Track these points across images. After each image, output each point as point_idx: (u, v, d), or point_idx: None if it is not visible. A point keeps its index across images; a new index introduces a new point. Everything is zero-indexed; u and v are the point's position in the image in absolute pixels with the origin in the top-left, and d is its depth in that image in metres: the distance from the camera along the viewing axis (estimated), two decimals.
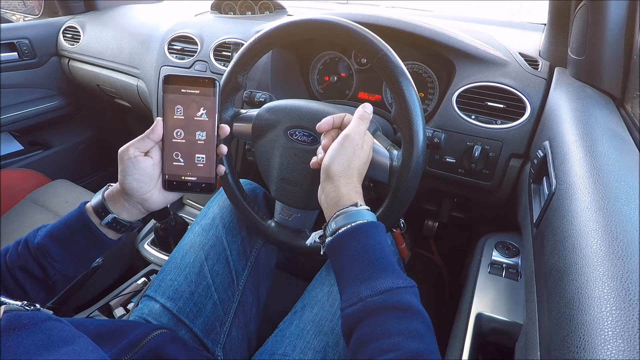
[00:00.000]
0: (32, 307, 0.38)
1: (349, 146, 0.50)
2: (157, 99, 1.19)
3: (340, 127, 0.56)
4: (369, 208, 0.48)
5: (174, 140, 0.48)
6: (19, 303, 0.37)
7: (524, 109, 0.73)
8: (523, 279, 0.64)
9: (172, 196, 0.52)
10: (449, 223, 0.97)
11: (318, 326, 0.59)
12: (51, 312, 0.39)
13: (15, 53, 1.41)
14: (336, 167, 0.49)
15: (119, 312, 0.85)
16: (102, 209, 0.49)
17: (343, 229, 0.45)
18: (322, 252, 0.49)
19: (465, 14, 1.24)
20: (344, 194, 0.47)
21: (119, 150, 0.47)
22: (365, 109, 0.54)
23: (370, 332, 0.38)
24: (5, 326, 0.33)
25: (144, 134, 0.47)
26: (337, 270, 0.45)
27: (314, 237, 0.53)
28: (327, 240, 0.47)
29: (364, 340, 0.38)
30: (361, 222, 0.45)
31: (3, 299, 0.37)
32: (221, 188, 0.73)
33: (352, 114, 0.54)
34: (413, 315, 0.39)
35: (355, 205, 0.47)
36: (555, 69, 0.79)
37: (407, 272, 0.81)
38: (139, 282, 0.93)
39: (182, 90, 0.47)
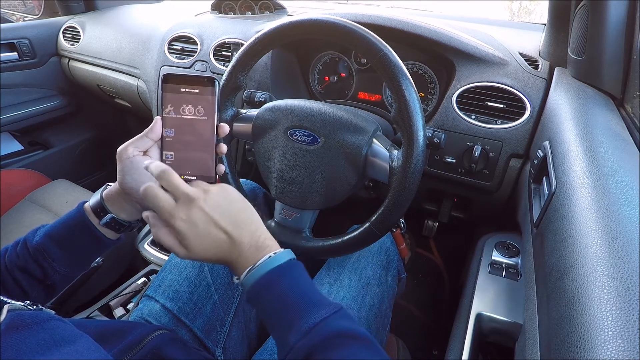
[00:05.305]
0: (34, 307, 0.38)
1: (203, 231, 0.42)
2: (157, 99, 1.19)
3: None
4: (275, 251, 0.43)
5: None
6: (22, 303, 0.37)
7: (524, 109, 0.73)
8: (523, 279, 0.64)
9: None
10: (449, 223, 0.97)
11: None
12: (53, 312, 0.39)
13: (15, 53, 1.41)
14: (204, 256, 0.43)
15: (119, 312, 0.84)
16: (100, 209, 0.49)
17: (252, 283, 0.42)
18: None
19: (465, 14, 1.24)
20: (247, 257, 0.43)
21: (118, 150, 0.47)
22: (153, 192, 0.42)
23: None
24: (9, 325, 0.33)
25: (142, 133, 0.47)
26: (264, 320, 0.44)
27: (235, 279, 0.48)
28: (245, 296, 0.45)
29: None
30: (266, 271, 0.42)
31: (6, 298, 0.37)
32: None
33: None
34: (346, 340, 0.38)
35: (261, 256, 0.43)
36: (555, 69, 0.79)
37: (407, 272, 0.81)
38: (139, 282, 0.93)
39: (181, 90, 0.47)
